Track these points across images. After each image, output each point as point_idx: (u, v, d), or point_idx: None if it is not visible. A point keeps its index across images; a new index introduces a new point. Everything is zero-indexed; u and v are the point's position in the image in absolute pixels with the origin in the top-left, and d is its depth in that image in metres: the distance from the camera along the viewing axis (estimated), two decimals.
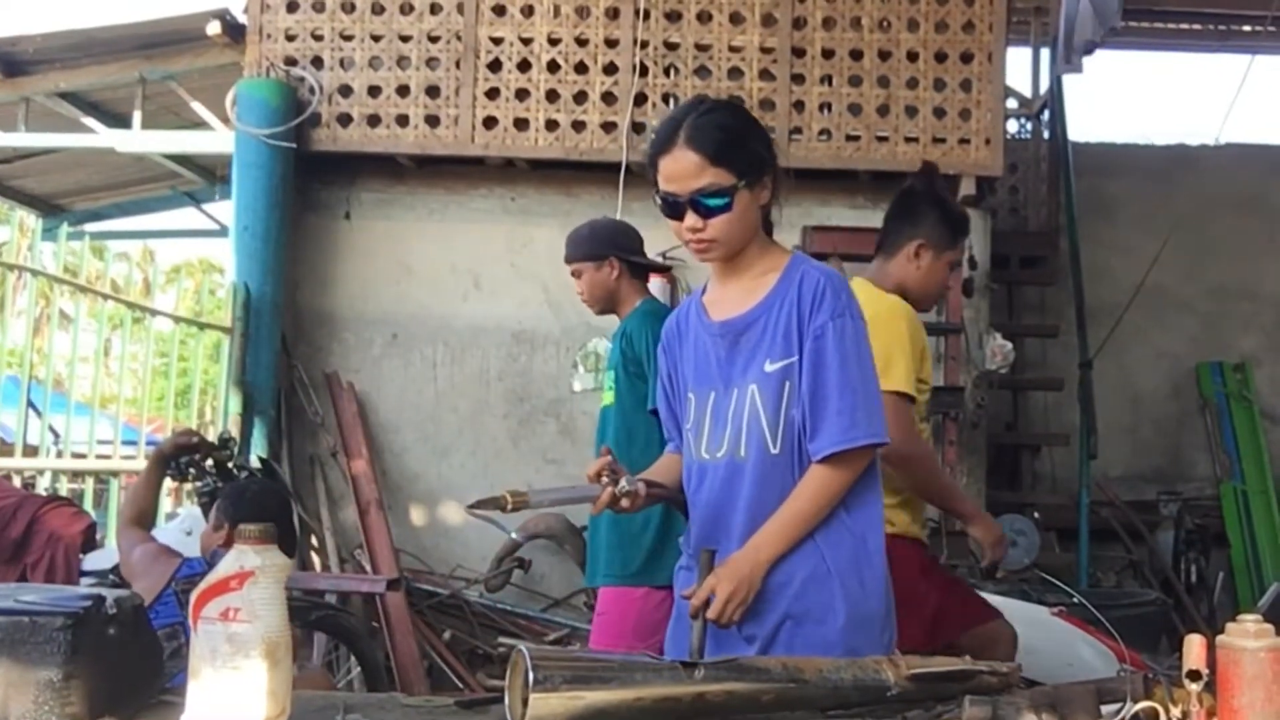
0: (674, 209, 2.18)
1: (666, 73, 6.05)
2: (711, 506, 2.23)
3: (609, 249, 3.75)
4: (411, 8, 6.11)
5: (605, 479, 2.08)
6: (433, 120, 6.07)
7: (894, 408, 2.60)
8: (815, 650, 2.06)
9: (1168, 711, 1.64)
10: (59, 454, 6.14)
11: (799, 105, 5.99)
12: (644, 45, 6.01)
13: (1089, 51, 6.00)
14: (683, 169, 2.14)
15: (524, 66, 6.06)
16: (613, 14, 6.05)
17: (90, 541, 4.47)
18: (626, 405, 3.61)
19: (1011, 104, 7.77)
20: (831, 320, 2.14)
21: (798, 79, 6.00)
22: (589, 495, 2.09)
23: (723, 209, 2.15)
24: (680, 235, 2.21)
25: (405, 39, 6.10)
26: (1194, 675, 1.57)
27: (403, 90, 6.09)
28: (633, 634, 3.35)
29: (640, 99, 6.00)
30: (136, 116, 6.48)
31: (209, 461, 3.74)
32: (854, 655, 2.05)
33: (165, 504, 6.40)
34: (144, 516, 3.56)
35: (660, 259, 5.97)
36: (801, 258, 2.28)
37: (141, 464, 4.58)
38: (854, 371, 2.14)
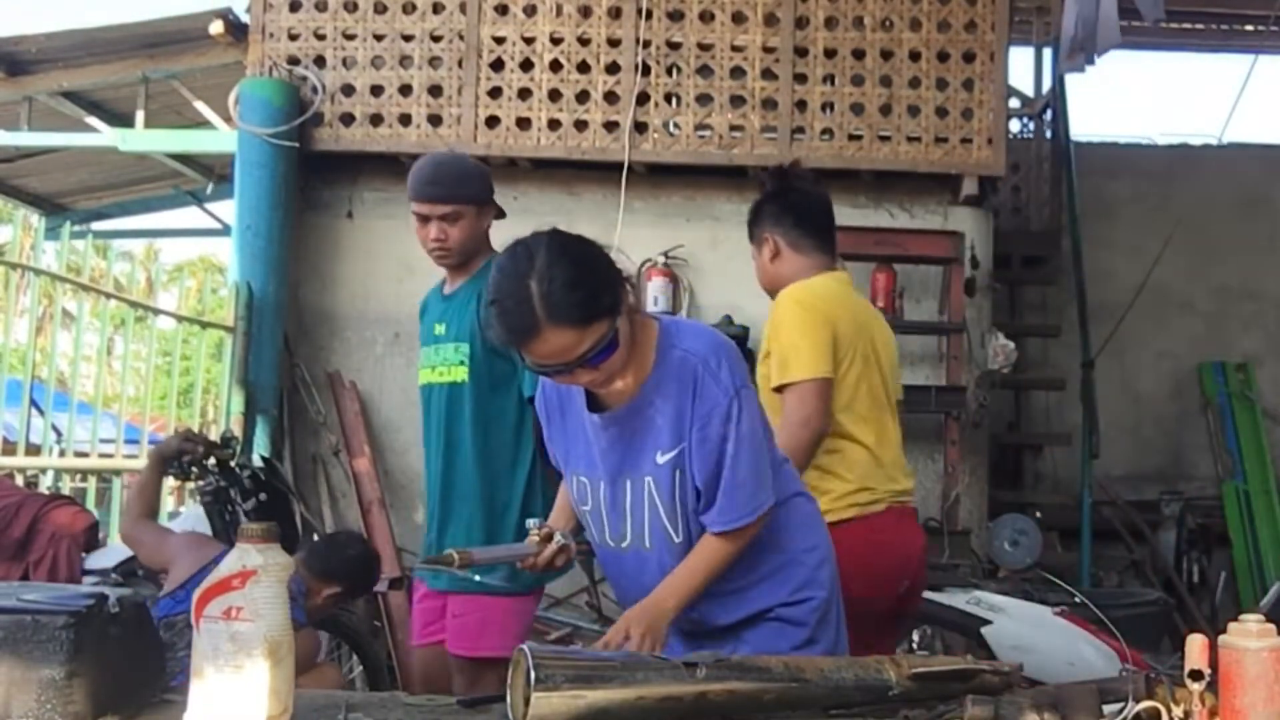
0: (563, 372, 2.07)
1: (669, 72, 6.05)
2: (629, 580, 2.29)
3: (491, 194, 3.25)
4: (414, 7, 6.11)
5: (536, 536, 2.19)
6: (435, 119, 6.07)
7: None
8: (783, 637, 2.21)
9: (1170, 711, 1.64)
10: (61, 453, 6.15)
11: (801, 104, 5.98)
12: (646, 44, 6.00)
13: (1103, 53, 5.99)
14: (560, 347, 2.01)
15: (526, 66, 6.06)
16: (615, 13, 6.04)
17: (93, 540, 4.49)
18: (485, 386, 3.17)
19: (1014, 103, 7.76)
20: (715, 406, 2.12)
21: (800, 78, 5.99)
22: (526, 553, 2.19)
23: (611, 352, 2.05)
24: (576, 382, 2.15)
25: (408, 38, 6.10)
26: (1196, 675, 1.57)
27: (405, 89, 6.09)
28: None
29: (643, 98, 5.99)
30: (139, 116, 6.48)
31: (211, 460, 3.75)
32: (818, 639, 2.26)
33: (168, 503, 6.42)
34: (152, 512, 3.59)
35: (663, 259, 5.99)
36: (669, 332, 2.20)
37: (144, 463, 4.59)
38: (743, 449, 2.13)
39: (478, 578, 2.35)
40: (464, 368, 3.16)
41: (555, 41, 6.05)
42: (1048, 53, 8.05)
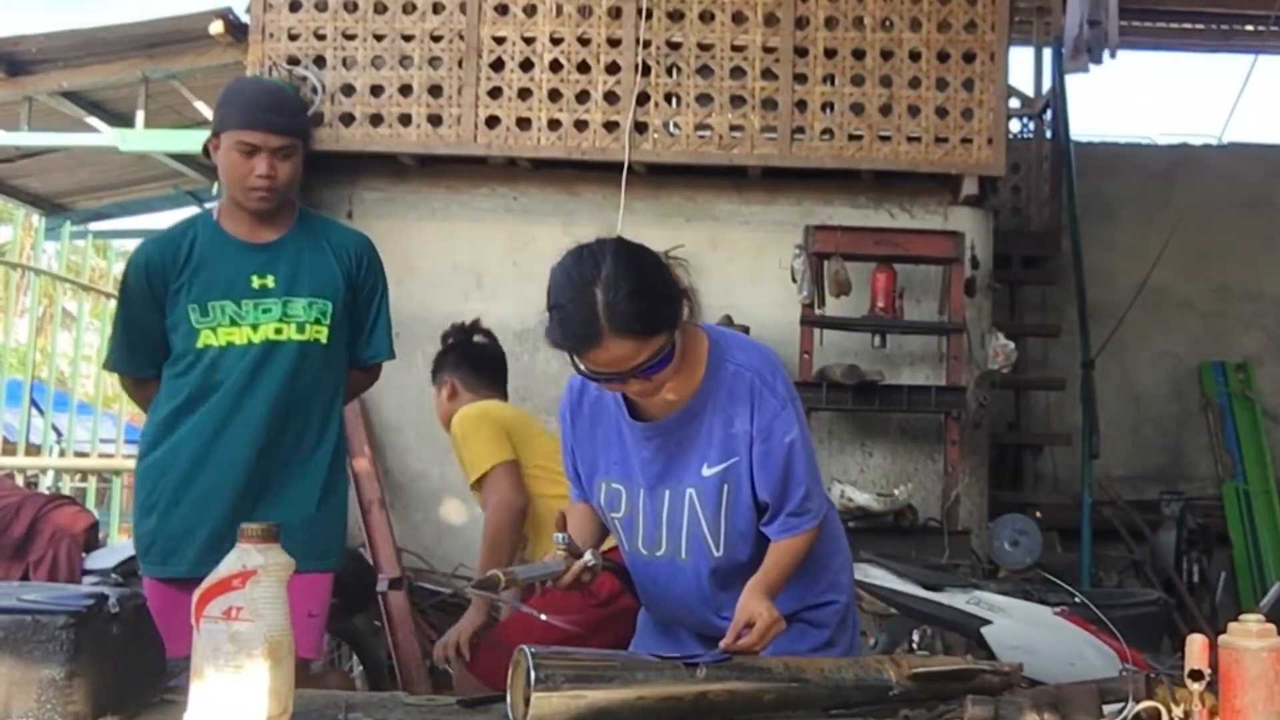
0: (614, 380, 2.07)
1: (669, 72, 6.05)
2: (659, 588, 2.29)
3: None
4: (414, 7, 6.10)
5: (562, 552, 2.15)
6: (435, 119, 6.07)
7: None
8: (804, 638, 2.26)
9: (1170, 711, 1.64)
10: (62, 453, 6.16)
11: (801, 104, 5.98)
12: (646, 44, 6.00)
13: (1099, 57, 5.98)
14: (619, 356, 2.00)
15: (526, 66, 6.06)
16: (615, 13, 6.04)
17: (93, 540, 4.49)
18: (338, 348, 2.91)
19: (1014, 103, 7.75)
20: (775, 419, 2.13)
21: (800, 78, 5.99)
22: (559, 571, 2.17)
23: (667, 364, 2.05)
24: (624, 390, 2.13)
25: (408, 38, 6.10)
26: (1196, 675, 1.57)
27: (405, 89, 6.08)
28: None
29: (643, 98, 5.99)
30: (139, 116, 6.49)
31: None
32: (836, 642, 2.31)
33: None
34: None
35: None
36: (719, 345, 2.19)
37: None
38: (802, 459, 2.16)
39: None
40: (322, 326, 2.81)
41: (555, 41, 6.05)
42: (1048, 53, 8.05)
